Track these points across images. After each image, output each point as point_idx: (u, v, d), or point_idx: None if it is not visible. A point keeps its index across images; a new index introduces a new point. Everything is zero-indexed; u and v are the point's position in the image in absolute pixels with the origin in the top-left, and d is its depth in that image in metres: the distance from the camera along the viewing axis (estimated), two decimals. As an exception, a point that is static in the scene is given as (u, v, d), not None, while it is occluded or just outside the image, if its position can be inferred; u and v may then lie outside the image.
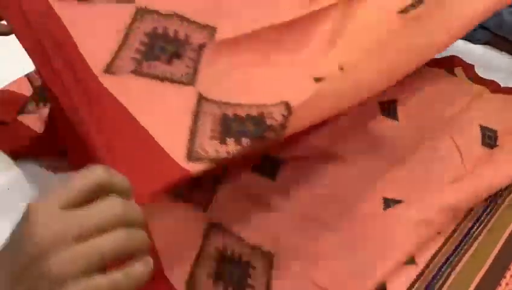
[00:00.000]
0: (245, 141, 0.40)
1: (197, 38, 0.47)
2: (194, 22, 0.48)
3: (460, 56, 0.84)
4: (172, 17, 0.48)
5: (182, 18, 0.48)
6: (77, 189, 0.25)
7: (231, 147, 0.40)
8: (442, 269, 0.51)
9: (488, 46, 0.95)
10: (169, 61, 0.45)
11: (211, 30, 0.48)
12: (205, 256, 0.50)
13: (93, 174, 0.25)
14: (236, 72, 0.46)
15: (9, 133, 0.64)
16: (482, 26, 0.95)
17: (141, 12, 0.47)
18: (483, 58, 0.90)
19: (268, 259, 0.51)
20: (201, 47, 0.47)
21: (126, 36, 0.45)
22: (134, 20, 0.47)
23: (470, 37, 0.96)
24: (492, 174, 0.59)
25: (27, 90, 0.74)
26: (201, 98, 0.43)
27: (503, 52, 0.93)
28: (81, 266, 0.23)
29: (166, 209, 0.52)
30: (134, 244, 0.25)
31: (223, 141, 0.40)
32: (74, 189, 0.25)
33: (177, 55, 0.46)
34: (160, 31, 0.47)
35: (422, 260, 0.52)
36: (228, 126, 0.42)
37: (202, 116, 0.42)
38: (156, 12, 0.48)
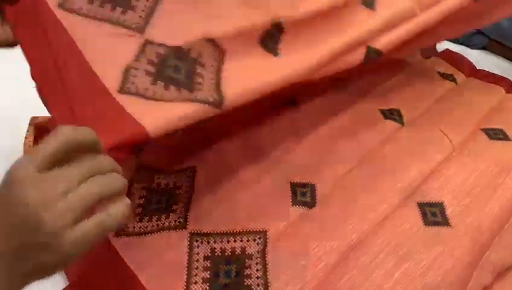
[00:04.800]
0: (173, 88, 0.42)
1: None
2: None
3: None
4: None
5: None
6: (49, 153, 0.27)
7: (158, 90, 0.42)
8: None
9: (485, 51, 0.97)
10: (123, 12, 0.47)
11: None
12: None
13: (62, 136, 0.27)
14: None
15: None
16: (478, 32, 0.98)
17: None
18: (480, 62, 0.92)
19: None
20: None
21: None
22: None
23: (467, 42, 0.99)
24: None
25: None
26: (146, 43, 0.45)
27: (499, 57, 0.95)
28: (71, 216, 0.26)
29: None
30: (112, 186, 0.28)
31: (153, 82, 0.42)
32: (46, 153, 0.26)
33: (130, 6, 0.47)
34: None
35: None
36: (162, 70, 0.43)
37: (142, 56, 0.44)
38: None
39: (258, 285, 0.45)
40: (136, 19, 0.47)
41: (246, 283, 0.45)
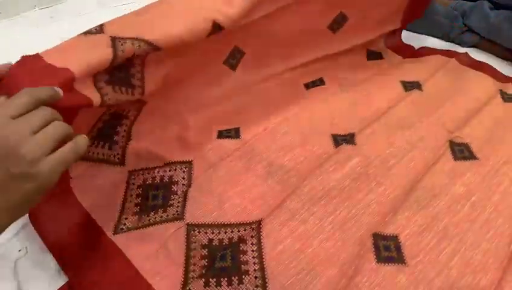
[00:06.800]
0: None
1: None
2: None
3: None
4: None
5: None
6: (21, 104, 0.36)
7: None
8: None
9: (476, 49, 0.97)
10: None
11: None
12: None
13: (30, 92, 0.37)
14: None
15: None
16: (470, 30, 0.98)
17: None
18: (472, 60, 0.92)
19: None
20: None
21: None
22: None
23: (459, 40, 0.99)
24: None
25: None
26: None
27: (490, 55, 0.95)
28: (45, 148, 0.34)
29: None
30: (65, 128, 0.37)
31: None
32: (19, 105, 0.36)
33: None
34: None
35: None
36: None
37: None
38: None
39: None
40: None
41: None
